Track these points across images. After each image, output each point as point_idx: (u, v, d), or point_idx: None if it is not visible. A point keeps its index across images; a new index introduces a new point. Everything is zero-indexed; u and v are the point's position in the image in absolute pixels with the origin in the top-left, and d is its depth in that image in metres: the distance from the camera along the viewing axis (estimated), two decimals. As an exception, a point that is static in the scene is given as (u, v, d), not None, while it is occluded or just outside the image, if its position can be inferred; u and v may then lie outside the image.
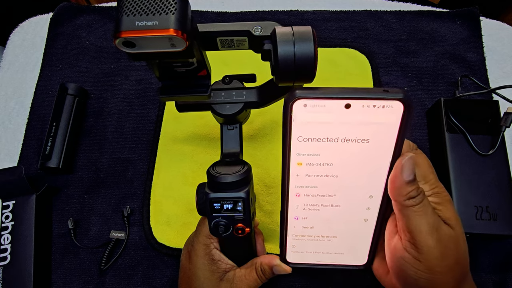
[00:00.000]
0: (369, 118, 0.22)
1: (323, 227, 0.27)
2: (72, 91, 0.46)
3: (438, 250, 0.24)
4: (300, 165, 0.24)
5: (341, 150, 0.24)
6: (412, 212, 0.24)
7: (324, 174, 0.24)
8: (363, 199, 0.25)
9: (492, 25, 0.50)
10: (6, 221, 0.40)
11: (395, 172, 0.25)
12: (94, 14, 0.53)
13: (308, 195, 0.25)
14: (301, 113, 0.22)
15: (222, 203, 0.28)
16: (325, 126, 0.23)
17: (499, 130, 0.40)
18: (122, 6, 0.20)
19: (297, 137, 0.23)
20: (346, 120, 0.22)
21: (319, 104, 0.22)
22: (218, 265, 0.30)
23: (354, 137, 0.23)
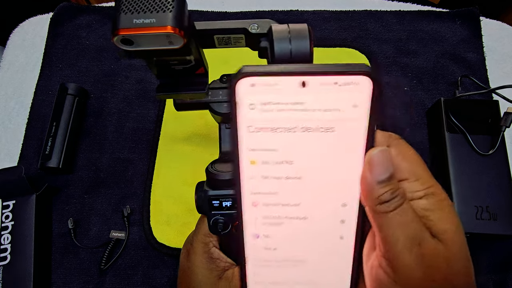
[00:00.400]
0: (331, 100, 0.18)
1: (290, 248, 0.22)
2: (72, 91, 0.46)
3: (418, 272, 0.19)
4: (254, 164, 0.20)
5: (302, 143, 0.19)
6: (386, 220, 0.19)
7: (285, 175, 0.20)
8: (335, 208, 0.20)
9: (492, 25, 0.50)
10: (6, 221, 0.40)
11: (364, 170, 0.20)
12: (94, 14, 0.53)
13: (267, 204, 0.21)
14: (248, 94, 0.18)
15: (221, 200, 0.28)
16: (280, 111, 0.19)
17: (499, 130, 0.40)
18: (120, 4, 0.20)
19: (247, 127, 0.19)
20: (303, 102, 0.18)
21: (269, 83, 0.18)
22: (216, 263, 0.30)
23: (316, 125, 0.19)
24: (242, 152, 0.20)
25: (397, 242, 0.19)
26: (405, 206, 0.20)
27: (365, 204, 0.20)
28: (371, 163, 0.19)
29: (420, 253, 0.19)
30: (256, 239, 0.21)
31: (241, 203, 0.21)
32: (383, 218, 0.19)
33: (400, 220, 0.19)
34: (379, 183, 0.19)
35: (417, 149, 0.40)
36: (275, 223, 0.21)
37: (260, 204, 0.21)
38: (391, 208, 0.19)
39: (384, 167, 0.19)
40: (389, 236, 0.19)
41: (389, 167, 0.19)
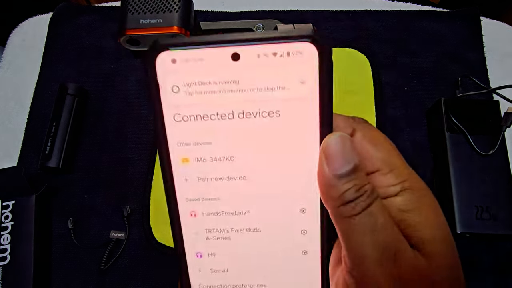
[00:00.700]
0: (272, 76, 0.15)
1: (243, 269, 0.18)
2: (72, 91, 0.46)
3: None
4: (186, 162, 0.16)
5: (242, 133, 0.16)
6: (352, 226, 0.15)
7: (225, 175, 0.16)
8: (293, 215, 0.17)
9: (492, 25, 0.50)
10: (6, 221, 0.40)
11: (320, 162, 0.15)
12: (94, 14, 0.53)
13: (209, 213, 0.17)
14: (170, 73, 0.15)
15: None
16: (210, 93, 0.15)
17: (500, 130, 0.40)
18: (127, 4, 0.21)
19: (172, 116, 0.16)
20: (238, 80, 0.15)
21: (194, 57, 0.15)
22: None
23: (257, 108, 0.15)
24: (170, 147, 0.16)
25: (366, 255, 0.15)
26: (375, 207, 0.15)
27: (326, 206, 0.16)
28: (327, 153, 0.15)
29: (395, 271, 0.15)
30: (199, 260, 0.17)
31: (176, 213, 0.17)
32: (348, 224, 0.15)
33: (369, 226, 0.15)
34: (340, 178, 0.15)
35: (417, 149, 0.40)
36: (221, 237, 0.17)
37: (200, 213, 0.17)
38: (357, 211, 0.15)
39: (345, 157, 0.15)
40: (356, 248, 0.15)
41: (351, 156, 0.15)
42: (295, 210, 0.17)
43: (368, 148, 0.17)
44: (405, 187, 0.16)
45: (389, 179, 0.16)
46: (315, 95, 0.15)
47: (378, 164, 0.16)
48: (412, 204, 0.16)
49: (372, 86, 0.47)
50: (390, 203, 0.16)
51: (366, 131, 0.17)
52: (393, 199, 0.16)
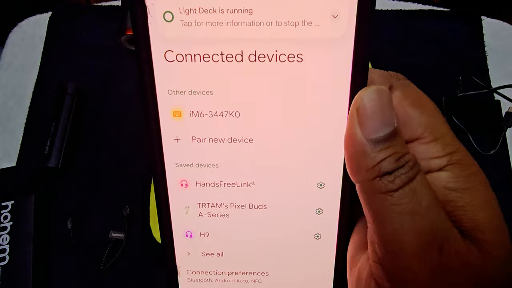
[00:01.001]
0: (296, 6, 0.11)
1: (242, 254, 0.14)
2: (72, 90, 0.46)
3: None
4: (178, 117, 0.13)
5: (252, 82, 0.12)
6: (388, 206, 0.12)
7: (228, 135, 0.13)
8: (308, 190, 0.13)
9: (493, 24, 0.50)
10: (5, 222, 0.40)
11: (350, 123, 0.12)
12: (94, 14, 0.53)
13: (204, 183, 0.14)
14: None
15: None
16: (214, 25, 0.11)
17: (501, 129, 0.40)
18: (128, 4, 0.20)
19: (163, 53, 0.12)
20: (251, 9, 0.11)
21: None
22: None
23: (273, 49, 0.12)
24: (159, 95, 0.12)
25: (405, 243, 0.12)
26: (419, 182, 0.12)
27: (355, 179, 0.13)
28: (361, 111, 0.12)
29: (440, 264, 0.12)
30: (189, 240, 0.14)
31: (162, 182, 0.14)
32: (383, 203, 0.12)
33: (411, 205, 0.11)
34: (376, 144, 0.12)
35: None
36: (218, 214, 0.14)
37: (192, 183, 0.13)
38: (397, 185, 0.12)
39: (383, 117, 0.12)
40: (392, 233, 0.12)
41: (391, 116, 0.12)
42: (311, 184, 0.14)
43: (409, 110, 0.13)
44: (453, 160, 0.13)
45: (432, 149, 0.13)
46: (350, 35, 0.12)
47: (419, 131, 0.13)
48: (462, 182, 0.12)
49: (372, 85, 0.46)
50: (433, 179, 0.13)
51: (407, 90, 0.14)
52: (437, 174, 0.13)
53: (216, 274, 0.15)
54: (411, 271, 0.12)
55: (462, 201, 0.12)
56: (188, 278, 0.15)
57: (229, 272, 0.15)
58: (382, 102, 0.12)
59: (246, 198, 0.14)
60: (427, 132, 0.13)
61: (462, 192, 0.12)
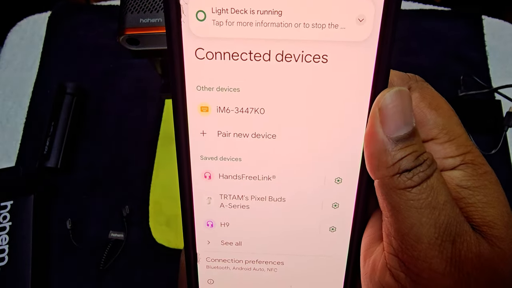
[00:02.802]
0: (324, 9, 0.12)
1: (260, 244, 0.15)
2: (71, 90, 0.45)
3: (451, 281, 0.12)
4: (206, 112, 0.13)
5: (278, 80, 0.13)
6: (406, 201, 0.12)
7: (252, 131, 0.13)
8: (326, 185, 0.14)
9: (494, 23, 0.50)
10: (4, 222, 0.40)
11: (372, 122, 0.13)
12: (93, 13, 0.53)
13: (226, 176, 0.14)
14: None
15: None
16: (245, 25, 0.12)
17: (502, 129, 0.40)
18: (127, 3, 0.21)
19: (194, 51, 0.13)
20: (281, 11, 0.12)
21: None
22: None
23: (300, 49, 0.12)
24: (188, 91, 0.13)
25: (421, 235, 0.12)
26: (436, 179, 0.12)
27: (375, 176, 0.13)
28: (383, 111, 0.13)
29: (454, 256, 0.12)
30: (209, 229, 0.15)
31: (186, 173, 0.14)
32: (402, 198, 0.12)
33: (428, 201, 0.12)
34: (396, 142, 0.12)
35: None
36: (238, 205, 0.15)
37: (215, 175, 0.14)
38: (416, 182, 0.12)
39: (403, 117, 0.12)
40: (409, 226, 0.12)
41: (410, 117, 0.13)
42: (329, 180, 0.14)
43: (426, 111, 0.14)
44: (466, 160, 0.13)
45: (447, 149, 0.14)
46: (375, 38, 0.12)
47: (435, 131, 0.14)
48: (474, 180, 0.13)
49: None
50: (446, 177, 0.13)
51: (425, 91, 0.15)
52: (450, 173, 0.13)
53: (234, 262, 0.16)
54: (426, 261, 0.12)
55: (473, 198, 0.13)
56: (207, 265, 0.16)
57: (247, 261, 0.16)
58: (403, 103, 0.13)
59: (266, 191, 0.14)
60: (443, 133, 0.14)
61: (473, 190, 0.13)
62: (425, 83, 0.15)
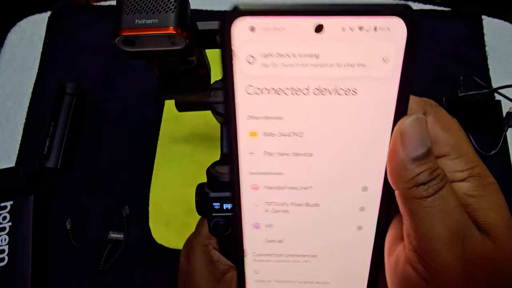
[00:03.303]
0: (354, 51, 0.14)
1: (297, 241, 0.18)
2: (71, 90, 0.45)
3: (460, 274, 0.15)
4: (254, 137, 0.16)
5: (315, 109, 0.15)
6: (423, 208, 0.15)
7: (292, 151, 0.16)
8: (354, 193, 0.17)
9: (494, 24, 0.50)
10: (4, 222, 0.40)
11: (394, 143, 0.15)
12: (93, 13, 0.53)
13: (270, 187, 0.17)
14: (247, 42, 0.14)
15: (222, 202, 0.28)
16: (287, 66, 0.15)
17: (502, 129, 0.40)
18: (122, 4, 0.21)
19: (244, 88, 0.15)
20: (318, 54, 0.14)
21: (274, 26, 0.14)
22: (216, 265, 0.30)
23: (334, 85, 0.15)
24: (239, 120, 0.16)
25: (436, 235, 0.15)
26: (447, 190, 0.15)
27: (396, 187, 0.16)
28: (404, 135, 0.15)
29: (464, 250, 0.15)
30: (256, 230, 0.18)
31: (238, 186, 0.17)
32: (419, 205, 0.15)
33: (441, 208, 0.15)
34: (414, 160, 0.15)
35: None
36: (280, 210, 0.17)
37: (261, 187, 0.17)
38: (430, 193, 0.15)
39: (420, 140, 0.15)
40: (426, 228, 0.15)
41: (426, 139, 0.15)
42: (357, 188, 0.17)
43: (439, 132, 0.17)
44: (473, 174, 0.16)
45: (457, 164, 0.16)
46: (396, 75, 0.15)
47: (447, 149, 0.17)
48: (479, 190, 0.16)
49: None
50: (456, 187, 0.16)
51: (438, 115, 0.17)
52: (459, 184, 0.16)
53: (275, 256, 0.19)
54: (440, 256, 0.15)
55: (478, 205, 0.16)
56: (253, 259, 0.19)
57: (286, 255, 0.19)
58: (420, 128, 0.15)
59: (303, 199, 0.17)
60: (453, 151, 0.16)
61: (479, 198, 0.16)
62: (438, 107, 0.18)
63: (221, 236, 0.29)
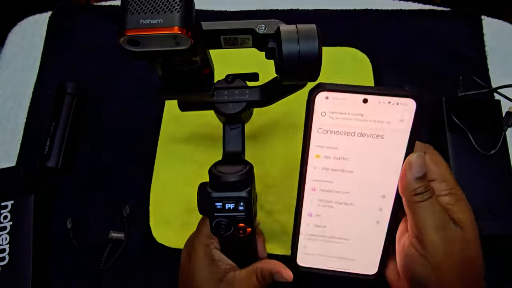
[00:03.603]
0: (384, 114, 0.24)
1: (336, 227, 0.27)
2: (71, 90, 0.45)
3: (443, 248, 0.25)
4: (318, 158, 0.25)
5: (357, 145, 0.25)
6: (419, 207, 0.25)
7: (340, 168, 0.25)
8: (376, 198, 0.26)
9: (494, 24, 0.50)
10: (5, 221, 0.40)
11: (405, 168, 0.26)
12: (93, 13, 0.53)
13: (323, 190, 0.26)
14: (322, 104, 0.24)
15: (224, 202, 0.28)
16: (344, 119, 0.24)
17: (501, 129, 0.40)
18: (127, 4, 0.20)
19: (317, 129, 0.25)
20: (363, 114, 0.24)
21: (340, 97, 0.24)
22: (218, 265, 0.30)
23: (370, 131, 0.24)
24: (310, 147, 0.25)
25: (427, 225, 0.25)
26: (434, 199, 0.25)
27: (403, 196, 0.26)
28: (410, 164, 0.25)
29: (445, 235, 0.25)
30: (309, 217, 0.27)
31: (303, 187, 0.26)
32: (417, 206, 0.25)
33: (430, 207, 0.25)
34: (416, 180, 0.25)
35: None
36: (327, 205, 0.26)
37: (318, 189, 0.26)
38: (424, 199, 0.25)
39: (420, 167, 0.25)
40: (421, 221, 0.25)
41: (424, 168, 0.25)
42: (379, 195, 0.26)
43: (432, 165, 0.27)
44: (452, 192, 0.27)
45: (441, 186, 0.27)
46: (408, 129, 0.24)
47: (435, 176, 0.27)
48: (455, 201, 0.26)
49: (372, 85, 0.46)
50: (440, 199, 0.26)
51: (432, 155, 0.27)
52: (443, 197, 0.26)
53: (319, 237, 0.28)
54: (430, 238, 0.25)
55: (453, 210, 0.26)
56: (304, 238, 0.28)
57: (327, 236, 0.28)
58: (421, 161, 0.26)
59: (343, 199, 0.26)
60: (439, 178, 0.27)
61: (454, 206, 0.26)
62: (434, 150, 0.28)
63: (223, 236, 0.29)
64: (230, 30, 0.26)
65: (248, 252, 0.33)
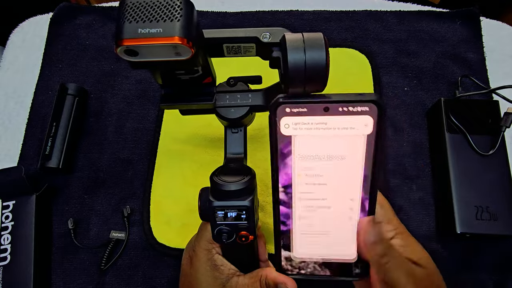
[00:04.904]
0: (347, 120, 0.25)
1: (319, 225, 0.31)
2: (72, 91, 0.46)
3: None
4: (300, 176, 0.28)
5: (327, 165, 0.27)
6: (388, 267, 0.26)
7: (317, 182, 0.28)
8: (346, 201, 0.29)
9: (492, 25, 0.50)
10: (6, 221, 0.40)
11: (363, 236, 0.28)
12: (94, 14, 0.53)
13: (308, 199, 0.29)
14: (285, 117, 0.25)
15: (226, 211, 0.27)
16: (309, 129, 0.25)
17: (499, 130, 0.40)
18: (124, 12, 0.19)
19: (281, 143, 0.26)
20: (326, 122, 0.25)
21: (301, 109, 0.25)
22: (220, 270, 0.30)
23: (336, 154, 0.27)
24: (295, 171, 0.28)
25: (400, 280, 0.26)
26: (395, 253, 0.27)
27: (369, 258, 0.27)
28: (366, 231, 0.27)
29: (414, 279, 0.26)
30: (300, 220, 0.30)
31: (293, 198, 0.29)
32: (386, 267, 0.26)
33: (397, 264, 0.26)
34: (375, 243, 0.27)
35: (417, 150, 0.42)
36: (311, 210, 0.29)
37: (304, 199, 0.29)
38: (389, 259, 0.26)
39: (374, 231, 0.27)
40: (393, 278, 0.26)
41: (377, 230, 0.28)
42: (348, 199, 0.28)
43: (379, 209, 0.29)
44: (398, 232, 0.29)
45: (387, 227, 0.29)
46: (374, 133, 0.25)
47: (381, 218, 0.29)
48: (405, 242, 0.29)
49: (372, 86, 0.47)
50: (394, 243, 0.28)
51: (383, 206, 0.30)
52: (393, 241, 0.29)
53: (307, 232, 0.30)
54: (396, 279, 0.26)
55: (409, 251, 0.28)
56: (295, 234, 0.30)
57: (313, 231, 0.30)
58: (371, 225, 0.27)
59: (322, 204, 0.29)
60: (384, 219, 0.29)
61: (406, 247, 0.28)
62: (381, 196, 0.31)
63: (225, 243, 0.28)
64: (233, 39, 0.25)
65: (250, 257, 0.32)
